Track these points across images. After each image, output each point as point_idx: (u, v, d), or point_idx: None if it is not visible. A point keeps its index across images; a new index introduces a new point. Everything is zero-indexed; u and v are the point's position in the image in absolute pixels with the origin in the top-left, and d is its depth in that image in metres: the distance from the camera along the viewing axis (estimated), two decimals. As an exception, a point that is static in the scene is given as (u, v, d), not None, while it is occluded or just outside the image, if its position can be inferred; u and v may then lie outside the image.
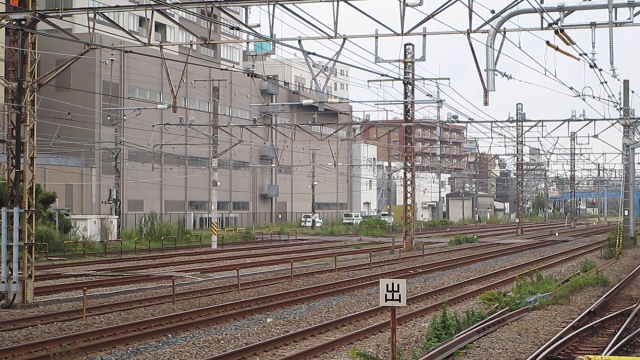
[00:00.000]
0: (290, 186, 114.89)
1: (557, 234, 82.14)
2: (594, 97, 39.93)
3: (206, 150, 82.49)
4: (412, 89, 54.02)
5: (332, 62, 27.91)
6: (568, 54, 25.70)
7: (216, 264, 43.42)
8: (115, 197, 65.90)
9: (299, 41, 27.33)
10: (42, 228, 50.24)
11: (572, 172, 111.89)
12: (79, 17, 45.24)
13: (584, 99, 39.03)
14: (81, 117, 67.74)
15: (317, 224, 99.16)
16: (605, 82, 34.36)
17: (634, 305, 23.73)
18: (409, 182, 57.43)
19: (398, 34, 25.25)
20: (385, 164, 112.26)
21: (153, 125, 67.16)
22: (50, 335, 20.19)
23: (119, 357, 17.75)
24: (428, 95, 49.04)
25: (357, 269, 40.38)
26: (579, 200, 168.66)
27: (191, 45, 30.15)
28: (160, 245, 59.45)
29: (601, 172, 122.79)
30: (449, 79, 48.53)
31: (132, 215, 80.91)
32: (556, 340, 18.04)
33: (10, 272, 25.89)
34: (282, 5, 24.54)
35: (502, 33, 25.18)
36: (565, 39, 24.47)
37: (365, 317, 23.55)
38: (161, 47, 28.52)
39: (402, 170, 60.62)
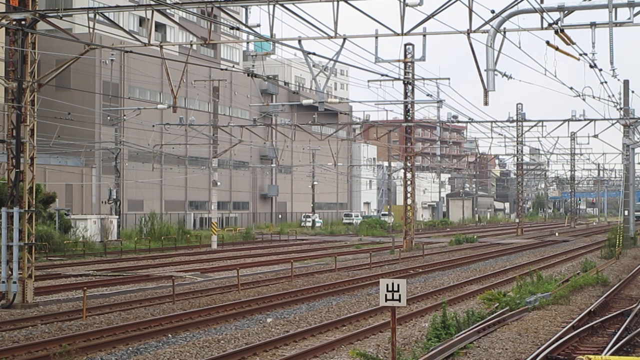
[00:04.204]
0: (290, 186, 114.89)
1: (557, 234, 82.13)
2: (594, 97, 39.95)
3: (206, 150, 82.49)
4: (412, 89, 54.02)
5: (332, 62, 27.92)
6: (568, 54, 25.70)
7: (216, 264, 43.41)
8: (115, 197, 65.88)
9: (299, 41, 27.34)
10: (42, 228, 50.22)
11: (572, 172, 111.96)
12: (79, 17, 45.21)
13: (584, 99, 39.06)
14: (81, 117, 67.73)
15: (317, 224, 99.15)
16: (605, 82, 34.39)
17: (634, 305, 23.72)
18: (409, 182, 57.42)
19: (398, 34, 25.25)
20: (385, 164, 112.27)
21: (153, 125, 67.16)
22: (50, 335, 20.18)
23: (119, 357, 17.75)
24: (428, 95, 49.08)
25: (357, 269, 40.38)
26: (579, 200, 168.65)
27: (191, 45, 30.14)
28: (160, 245, 59.44)
29: (601, 172, 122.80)
30: (449, 79, 48.59)
31: (132, 215, 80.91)
32: (556, 340, 18.04)
33: (10, 272, 25.88)
34: (282, 5, 24.54)
35: (502, 33, 25.19)
36: (565, 39, 24.48)
37: (365, 317, 23.54)
38: (161, 47, 28.52)
39: (402, 170, 60.62)
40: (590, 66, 27.20)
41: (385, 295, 14.03)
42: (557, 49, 25.12)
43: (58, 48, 51.52)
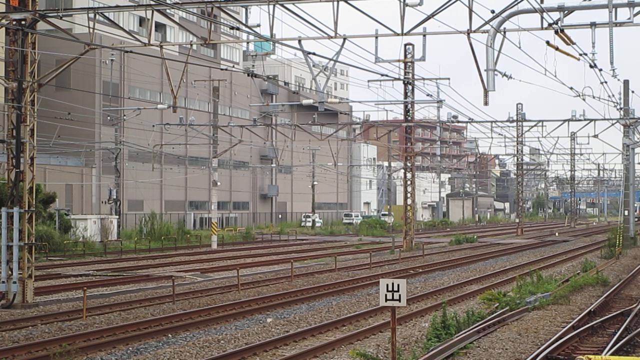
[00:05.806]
0: (290, 186, 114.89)
1: (557, 234, 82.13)
2: (594, 97, 39.95)
3: (206, 150, 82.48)
4: (412, 89, 54.01)
5: (332, 62, 27.92)
6: (568, 54, 25.70)
7: (216, 264, 43.41)
8: (115, 197, 65.88)
9: (299, 41, 27.33)
10: (42, 228, 50.22)
11: (572, 172, 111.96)
12: (79, 17, 45.22)
13: (584, 99, 39.06)
14: (81, 117, 67.72)
15: (317, 224, 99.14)
16: (605, 82, 34.38)
17: (634, 305, 23.72)
18: (409, 182, 57.42)
19: (398, 34, 25.25)
20: (385, 164, 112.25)
21: (153, 125, 67.14)
22: (50, 335, 20.18)
23: (119, 357, 17.75)
24: (428, 95, 49.06)
25: (357, 269, 40.38)
26: (579, 200, 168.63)
27: (191, 45, 30.13)
28: (160, 245, 59.44)
29: (601, 172, 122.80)
30: (449, 79, 48.60)
31: (132, 215, 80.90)
32: (556, 340, 18.04)
33: (10, 272, 25.88)
34: (282, 5, 24.54)
35: (502, 33, 25.19)
36: (565, 39, 24.48)
37: (365, 317, 23.54)
38: (161, 47, 28.52)
39: (402, 170, 60.61)
40: (590, 66, 27.21)
41: (385, 295, 14.03)
42: (557, 49, 25.12)
43: (58, 48, 51.51)
